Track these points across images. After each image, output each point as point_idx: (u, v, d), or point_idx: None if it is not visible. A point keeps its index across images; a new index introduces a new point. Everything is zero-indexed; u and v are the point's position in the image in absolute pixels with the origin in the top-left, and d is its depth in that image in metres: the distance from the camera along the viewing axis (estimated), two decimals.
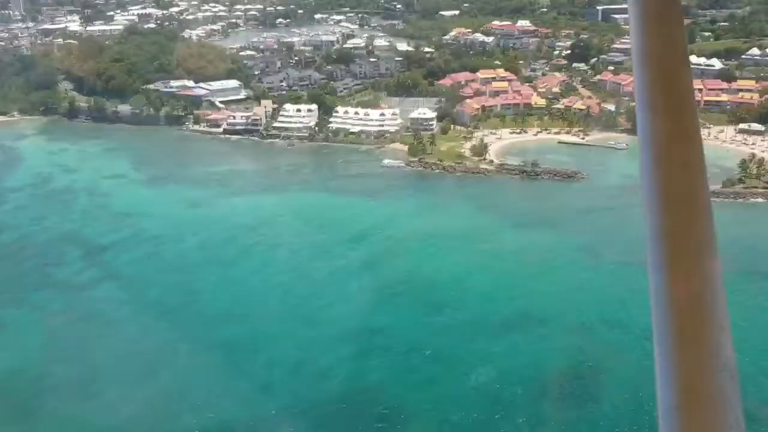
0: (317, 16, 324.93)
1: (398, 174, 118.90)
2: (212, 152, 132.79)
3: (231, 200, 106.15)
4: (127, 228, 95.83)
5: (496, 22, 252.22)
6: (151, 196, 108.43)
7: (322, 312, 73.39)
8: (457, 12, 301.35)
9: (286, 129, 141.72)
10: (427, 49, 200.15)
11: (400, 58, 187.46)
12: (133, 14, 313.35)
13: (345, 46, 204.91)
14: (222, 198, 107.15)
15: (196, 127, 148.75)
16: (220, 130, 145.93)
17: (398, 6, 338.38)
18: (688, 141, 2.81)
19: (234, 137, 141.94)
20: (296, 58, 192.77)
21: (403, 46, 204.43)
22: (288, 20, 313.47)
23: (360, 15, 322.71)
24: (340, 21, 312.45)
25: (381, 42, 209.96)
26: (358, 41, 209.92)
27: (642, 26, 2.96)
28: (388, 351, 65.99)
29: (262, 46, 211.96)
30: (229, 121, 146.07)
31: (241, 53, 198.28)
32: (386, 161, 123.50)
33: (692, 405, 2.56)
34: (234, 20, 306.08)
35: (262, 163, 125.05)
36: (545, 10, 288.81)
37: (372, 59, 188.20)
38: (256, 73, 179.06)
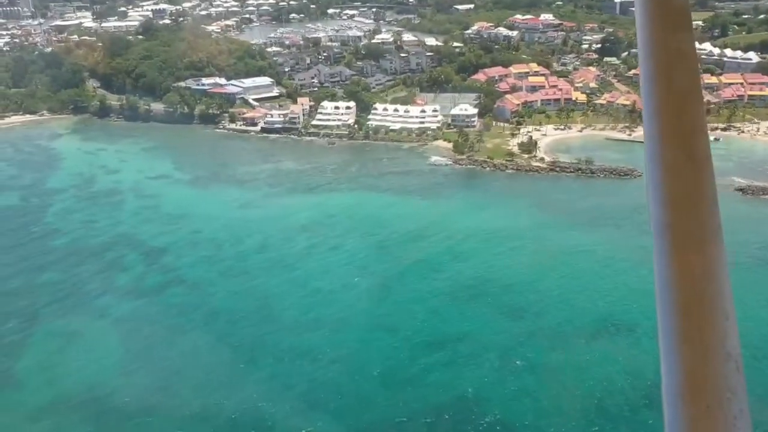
0: (330, 11, 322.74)
1: (447, 172, 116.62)
2: (253, 151, 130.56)
3: (281, 200, 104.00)
4: (182, 230, 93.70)
5: (518, 16, 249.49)
6: (198, 196, 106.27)
7: (398, 316, 71.23)
8: (472, 6, 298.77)
9: (325, 127, 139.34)
10: (456, 44, 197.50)
11: (431, 54, 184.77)
12: (147, 10, 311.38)
13: (373, 41, 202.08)
14: (272, 198, 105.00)
15: (232, 125, 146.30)
16: (257, 128, 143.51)
17: (411, 0, 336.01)
18: (693, 134, 2.82)
19: (272, 136, 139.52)
20: (325, 54, 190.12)
21: (431, 41, 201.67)
22: (301, 15, 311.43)
23: (374, 9, 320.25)
24: (353, 16, 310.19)
25: (410, 37, 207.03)
26: (386, 36, 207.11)
27: (647, 19, 2.93)
28: (477, 359, 63.85)
29: (287, 42, 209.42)
30: (267, 119, 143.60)
31: (266, 50, 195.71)
32: (433, 159, 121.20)
33: (697, 395, 2.58)
34: (247, 15, 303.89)
35: (305, 162, 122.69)
36: (561, 3, 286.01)
37: (402, 55, 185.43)
38: (287, 69, 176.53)
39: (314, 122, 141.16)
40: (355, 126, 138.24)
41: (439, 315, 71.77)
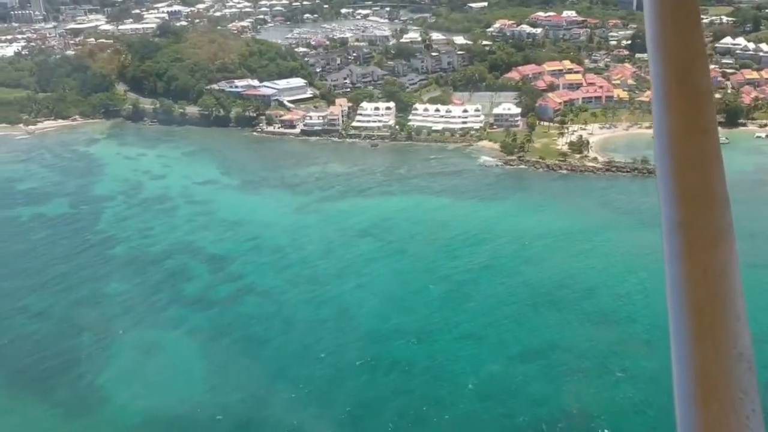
0: (343, 10, 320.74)
1: (498, 173, 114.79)
2: (295, 154, 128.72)
3: (336, 204, 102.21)
4: (241, 237, 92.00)
5: (540, 13, 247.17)
6: (251, 202, 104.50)
7: (480, 324, 69.51)
8: (485, 3, 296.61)
9: (365, 128, 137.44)
10: (485, 42, 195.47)
11: (462, 52, 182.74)
12: (163, 12, 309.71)
13: (402, 40, 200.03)
14: (325, 202, 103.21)
15: (270, 128, 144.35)
16: (296, 130, 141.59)
17: None
18: (704, 133, 2.82)
19: (312, 138, 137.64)
20: (354, 54, 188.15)
21: (459, 39, 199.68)
22: (315, 15, 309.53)
23: (388, 8, 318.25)
24: (367, 15, 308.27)
25: (438, 36, 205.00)
26: (414, 35, 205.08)
27: (656, 15, 2.91)
28: (574, 370, 62.04)
29: (313, 42, 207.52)
30: (306, 121, 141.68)
31: (296, 50, 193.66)
32: (482, 159, 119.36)
33: (709, 395, 2.58)
34: (261, 16, 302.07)
35: (351, 164, 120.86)
36: (575, 0, 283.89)
37: (433, 54, 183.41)
38: (318, 70, 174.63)
39: (354, 124, 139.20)
40: (396, 127, 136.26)
41: (522, 323, 70.02)
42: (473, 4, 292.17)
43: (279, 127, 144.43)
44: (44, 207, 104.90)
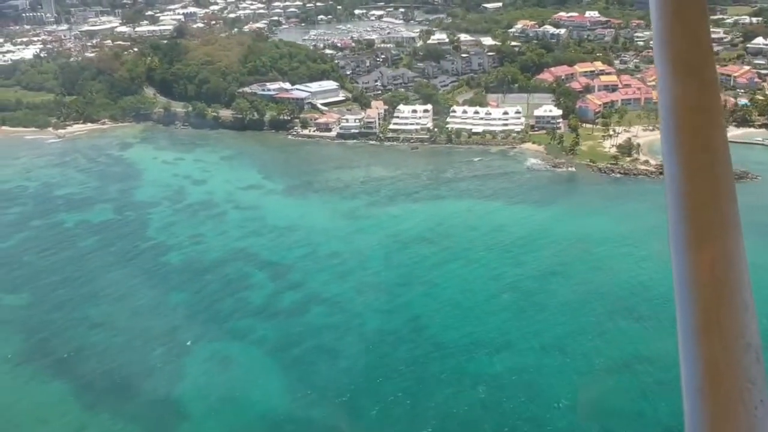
0: (356, 11, 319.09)
1: (548, 176, 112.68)
2: (335, 158, 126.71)
3: (387, 210, 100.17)
4: (296, 243, 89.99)
5: (563, 14, 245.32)
6: (299, 207, 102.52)
7: (560, 335, 67.41)
8: (500, 4, 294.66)
9: (403, 131, 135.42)
10: (513, 44, 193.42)
11: (492, 53, 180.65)
12: (179, 14, 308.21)
13: (429, 42, 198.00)
14: (376, 207, 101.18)
15: (305, 131, 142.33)
16: (332, 134, 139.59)
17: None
18: (711, 128, 2.86)
19: (349, 141, 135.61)
20: (383, 56, 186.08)
21: (488, 40, 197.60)
22: (329, 17, 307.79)
23: (402, 9, 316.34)
24: (381, 16, 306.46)
25: (466, 37, 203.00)
26: (442, 37, 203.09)
27: (662, 13, 2.98)
28: (664, 383, 59.65)
29: (339, 44, 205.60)
30: (342, 124, 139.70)
31: (319, 51, 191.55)
32: (530, 162, 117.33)
33: (717, 387, 2.59)
34: (275, 18, 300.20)
35: (395, 168, 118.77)
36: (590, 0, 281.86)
37: (463, 55, 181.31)
38: (348, 73, 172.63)
39: (391, 126, 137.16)
40: (435, 130, 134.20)
41: (602, 333, 67.88)
42: (488, 5, 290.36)
43: (314, 131, 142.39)
44: (88, 213, 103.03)
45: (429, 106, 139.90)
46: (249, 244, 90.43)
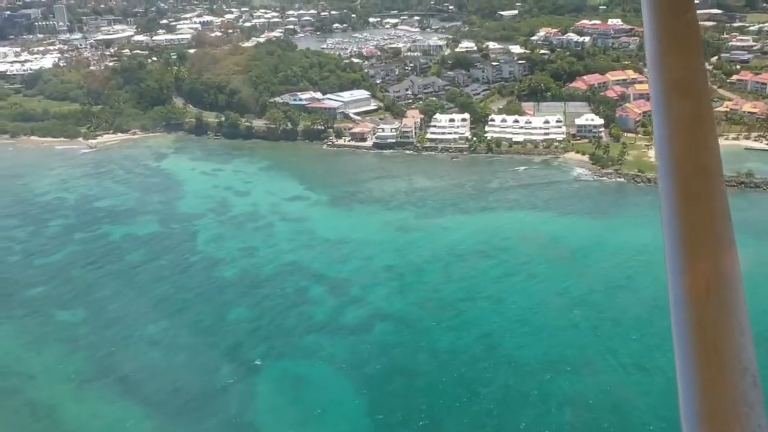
0: (371, 19, 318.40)
1: (598, 186, 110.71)
2: (374, 168, 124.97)
3: (438, 222, 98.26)
4: (351, 257, 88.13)
5: (585, 21, 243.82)
6: (347, 219, 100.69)
7: (642, 353, 65.26)
8: (515, 12, 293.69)
9: (441, 140, 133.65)
10: (542, 51, 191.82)
11: (522, 62, 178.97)
12: (195, 22, 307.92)
13: (457, 50, 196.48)
14: (426, 219, 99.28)
15: (340, 141, 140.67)
16: (368, 143, 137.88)
17: (450, 7, 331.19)
18: (705, 148, 2.86)
19: (386, 151, 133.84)
20: (411, 65, 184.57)
21: (516, 48, 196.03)
22: (344, 25, 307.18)
23: (417, 17, 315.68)
24: (396, 24, 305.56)
25: (494, 45, 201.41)
26: (470, 45, 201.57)
27: (654, 32, 2.98)
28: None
29: (366, 53, 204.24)
30: (378, 134, 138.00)
31: (344, 61, 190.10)
32: (576, 172, 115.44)
33: (714, 410, 2.57)
34: (291, 27, 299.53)
35: (438, 179, 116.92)
36: (604, 7, 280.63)
37: (493, 63, 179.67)
38: (378, 81, 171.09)
39: (428, 135, 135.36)
40: (474, 139, 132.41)
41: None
42: (504, 13, 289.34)
43: (349, 140, 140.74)
44: (132, 225, 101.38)
45: (466, 115, 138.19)
46: (301, 257, 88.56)
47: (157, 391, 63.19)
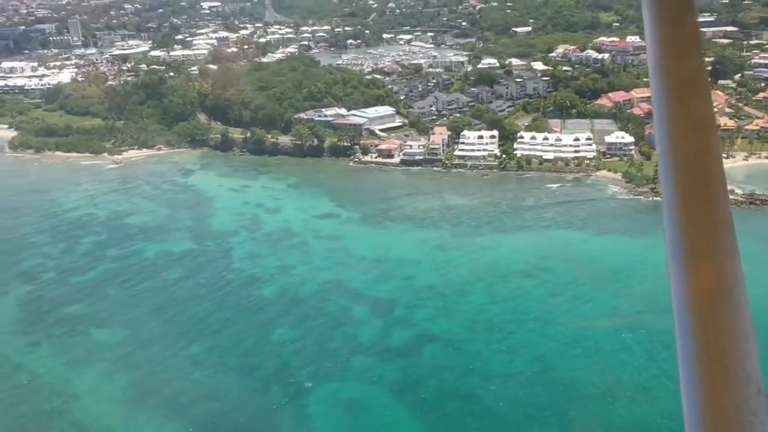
0: (385, 35, 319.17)
1: (634, 205, 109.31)
2: (403, 185, 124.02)
3: (475, 241, 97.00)
4: (390, 276, 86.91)
5: (604, 38, 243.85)
6: (382, 237, 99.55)
7: None
8: (529, 28, 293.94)
9: (470, 157, 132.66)
10: (565, 68, 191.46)
11: (546, 78, 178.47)
12: (211, 38, 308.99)
13: (479, 66, 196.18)
14: (463, 238, 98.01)
15: (366, 157, 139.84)
16: (396, 160, 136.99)
17: (463, 23, 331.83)
18: (707, 157, 2.85)
19: (414, 168, 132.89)
20: (434, 81, 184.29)
21: (538, 65, 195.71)
22: (358, 41, 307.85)
23: (431, 33, 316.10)
24: (410, 40, 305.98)
25: (517, 62, 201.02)
26: (492, 61, 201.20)
27: (656, 40, 2.97)
28: None
29: (386, 69, 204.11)
30: (405, 151, 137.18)
31: (366, 77, 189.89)
32: (611, 191, 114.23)
33: (718, 418, 2.58)
34: (304, 42, 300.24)
35: (470, 196, 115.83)
36: (618, 24, 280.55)
37: (518, 80, 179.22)
38: (402, 98, 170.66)
39: (457, 152, 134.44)
40: (504, 156, 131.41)
41: None
42: (518, 29, 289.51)
43: (375, 157, 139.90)
44: (166, 242, 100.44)
45: (495, 132, 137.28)
46: (339, 275, 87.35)
47: (206, 414, 61.88)
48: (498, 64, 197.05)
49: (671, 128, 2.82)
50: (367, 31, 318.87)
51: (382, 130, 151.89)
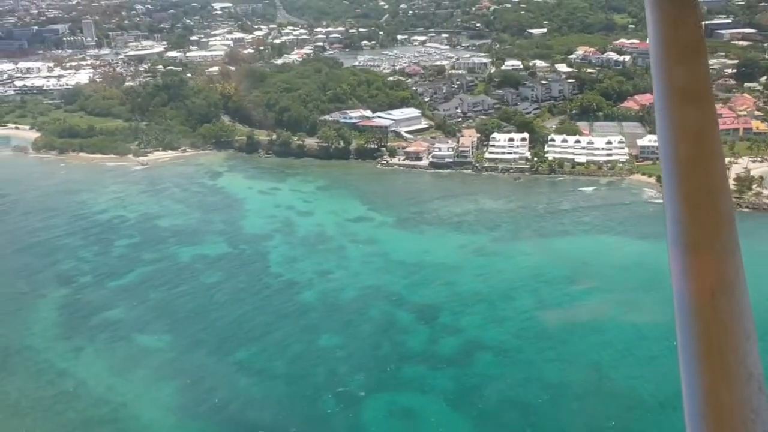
0: (399, 37, 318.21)
1: None
2: (434, 188, 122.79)
3: (515, 246, 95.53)
4: (432, 282, 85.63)
5: (624, 40, 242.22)
6: (420, 241, 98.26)
7: None
8: (545, 30, 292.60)
9: (501, 160, 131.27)
10: (589, 70, 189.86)
11: (572, 80, 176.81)
12: (228, 39, 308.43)
13: (503, 68, 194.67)
14: (503, 243, 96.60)
15: (394, 160, 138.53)
16: (424, 163, 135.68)
17: (477, 24, 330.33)
18: (711, 157, 2.86)
19: (444, 171, 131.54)
20: (458, 83, 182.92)
21: (563, 67, 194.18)
22: (372, 42, 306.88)
23: (445, 35, 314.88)
24: (424, 42, 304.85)
25: (542, 63, 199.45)
26: (516, 63, 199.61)
27: (659, 41, 2.95)
28: None
29: (408, 70, 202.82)
30: (434, 153, 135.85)
31: (388, 78, 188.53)
32: (647, 195, 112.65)
33: (719, 416, 2.61)
34: (319, 43, 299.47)
35: (504, 200, 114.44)
36: (633, 26, 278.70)
37: (543, 82, 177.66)
38: (426, 99, 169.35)
39: (487, 155, 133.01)
40: (535, 159, 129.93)
41: None
42: (533, 31, 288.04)
43: (403, 159, 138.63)
44: (200, 246, 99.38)
45: (525, 135, 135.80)
46: (382, 282, 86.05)
47: (259, 422, 60.70)
48: (522, 66, 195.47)
49: (674, 128, 2.82)
50: (381, 33, 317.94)
51: (408, 132, 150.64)
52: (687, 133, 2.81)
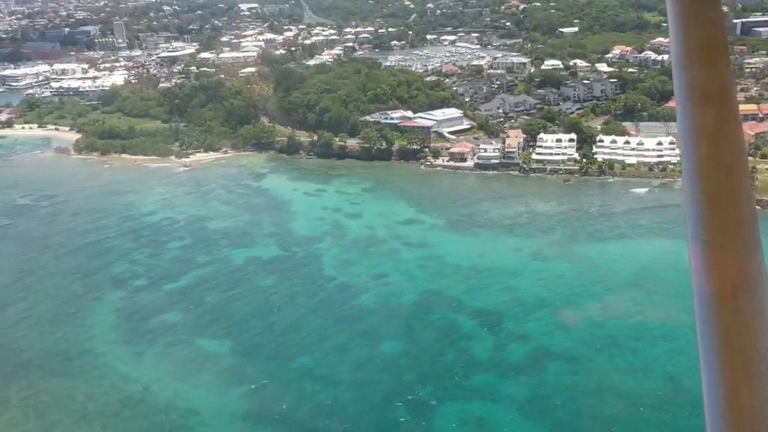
0: (429, 36, 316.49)
1: None
2: (482, 190, 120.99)
3: (575, 250, 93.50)
4: (491, 286, 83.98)
5: (661, 39, 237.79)
6: (473, 244, 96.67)
7: None
8: (576, 29, 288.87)
9: (549, 162, 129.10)
10: (631, 70, 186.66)
11: (614, 80, 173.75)
12: (260, 40, 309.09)
13: (543, 68, 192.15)
14: (562, 247, 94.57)
15: (438, 161, 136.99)
16: (469, 164, 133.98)
17: (507, 24, 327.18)
18: (732, 154, 2.82)
19: (489, 172, 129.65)
20: (498, 83, 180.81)
21: (603, 66, 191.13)
22: (402, 42, 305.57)
23: (475, 34, 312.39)
24: (454, 41, 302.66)
25: (582, 63, 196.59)
26: (556, 62, 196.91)
27: (681, 38, 2.92)
28: None
29: (445, 70, 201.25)
30: (480, 154, 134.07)
31: (427, 78, 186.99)
32: None
33: (740, 416, 2.57)
34: (349, 44, 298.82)
35: (556, 202, 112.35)
36: (666, 24, 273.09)
37: (585, 81, 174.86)
38: (467, 100, 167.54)
39: (535, 156, 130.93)
40: (584, 160, 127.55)
41: None
42: (564, 30, 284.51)
43: (447, 160, 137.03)
44: (253, 248, 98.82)
45: (573, 135, 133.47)
46: (440, 286, 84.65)
47: (330, 430, 59.60)
48: (562, 66, 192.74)
49: (695, 127, 2.79)
50: (410, 32, 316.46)
51: (450, 133, 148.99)
52: (708, 132, 2.77)
